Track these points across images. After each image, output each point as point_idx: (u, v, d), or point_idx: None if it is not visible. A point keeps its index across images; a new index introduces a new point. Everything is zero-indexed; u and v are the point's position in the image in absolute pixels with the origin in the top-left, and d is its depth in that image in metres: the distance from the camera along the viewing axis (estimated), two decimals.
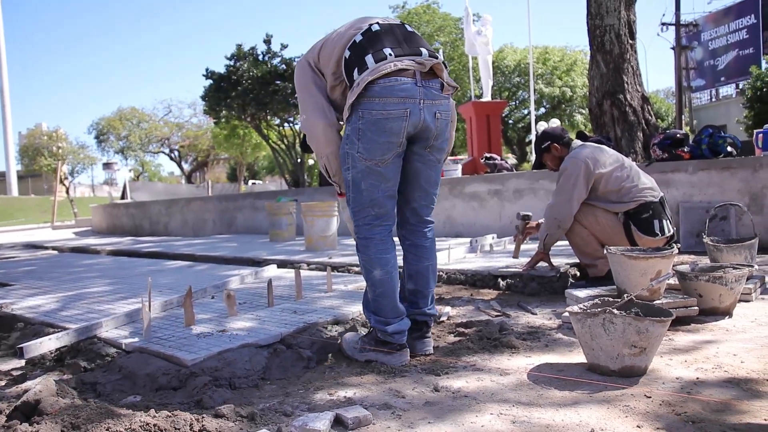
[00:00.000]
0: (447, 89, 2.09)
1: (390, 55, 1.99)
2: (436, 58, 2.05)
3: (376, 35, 2.05)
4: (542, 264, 3.58)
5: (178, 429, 1.56)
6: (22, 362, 2.48)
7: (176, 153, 43.24)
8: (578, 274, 3.74)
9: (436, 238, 2.48)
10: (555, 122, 23.05)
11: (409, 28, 2.16)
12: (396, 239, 2.24)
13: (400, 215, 2.32)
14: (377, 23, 2.11)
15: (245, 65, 14.29)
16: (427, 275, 2.30)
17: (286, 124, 16.23)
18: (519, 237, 3.97)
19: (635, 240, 3.20)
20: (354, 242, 2.25)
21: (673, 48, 25.12)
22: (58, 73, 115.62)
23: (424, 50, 2.05)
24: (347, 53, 2.07)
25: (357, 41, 2.06)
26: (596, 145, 3.37)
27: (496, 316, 2.96)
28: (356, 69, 2.02)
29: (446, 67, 2.13)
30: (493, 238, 5.59)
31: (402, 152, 2.12)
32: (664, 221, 3.22)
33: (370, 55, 2.00)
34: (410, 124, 2.02)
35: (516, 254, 4.08)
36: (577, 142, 3.42)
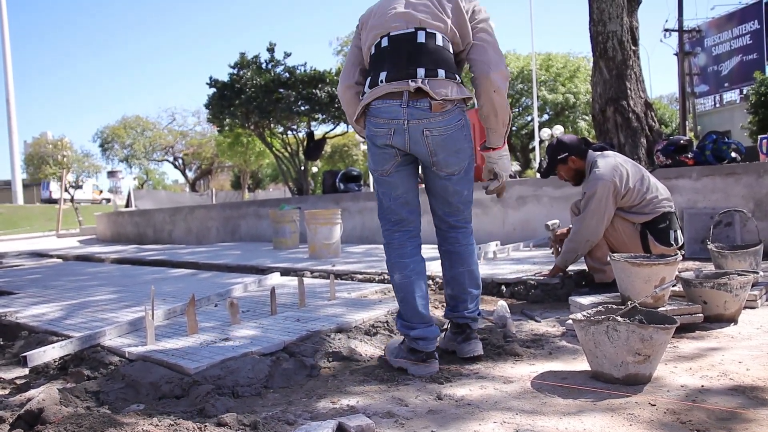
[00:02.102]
0: (436, 107, 2.09)
1: (381, 81, 2.14)
2: (435, 75, 2.10)
3: (381, 55, 2.19)
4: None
5: None
6: (26, 370, 2.49)
7: (180, 161, 43.41)
8: (583, 282, 3.72)
9: None
10: (559, 129, 23.07)
11: (421, 39, 2.14)
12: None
13: (435, 224, 2.41)
14: (388, 37, 2.18)
15: (249, 73, 14.32)
16: (462, 280, 2.33)
17: (289, 132, 16.25)
18: (556, 247, 3.78)
19: (651, 249, 3.19)
20: (355, 251, 2.30)
21: (676, 54, 25.12)
22: (63, 82, 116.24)
23: (421, 70, 2.10)
24: (372, 50, 2.23)
25: (372, 53, 2.23)
26: (615, 154, 3.33)
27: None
28: (367, 83, 2.23)
29: (456, 79, 2.14)
30: (496, 245, 5.58)
31: (405, 162, 2.23)
32: (678, 231, 3.22)
33: (370, 78, 2.20)
34: (395, 142, 2.16)
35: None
36: (593, 154, 3.36)
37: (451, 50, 2.18)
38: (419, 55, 2.12)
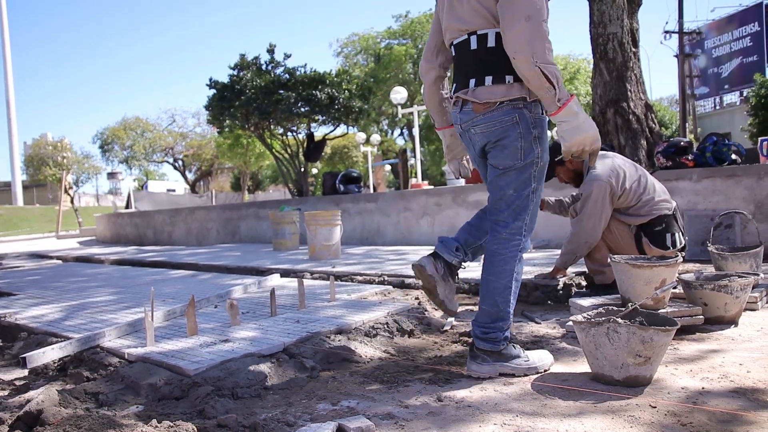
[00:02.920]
0: (477, 108, 2.13)
1: (451, 97, 2.29)
2: (483, 83, 2.11)
3: (456, 62, 2.24)
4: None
5: None
6: (25, 372, 2.48)
7: (180, 162, 43.42)
8: (583, 283, 3.72)
9: None
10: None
11: (473, 45, 2.12)
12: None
13: None
14: (453, 46, 2.22)
15: (249, 75, 14.33)
16: (480, 287, 2.21)
17: (289, 134, 16.26)
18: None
19: (645, 251, 3.18)
20: (355, 252, 2.26)
21: (676, 56, 25.16)
22: (63, 83, 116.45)
23: (473, 81, 2.14)
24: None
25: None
26: (614, 154, 3.32)
27: None
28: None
29: (505, 81, 2.07)
30: None
31: (482, 159, 2.28)
32: (677, 234, 3.19)
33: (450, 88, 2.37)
34: (464, 142, 2.32)
35: None
36: None
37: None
38: (472, 65, 2.14)
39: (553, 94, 1.94)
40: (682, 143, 5.85)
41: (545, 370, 2.16)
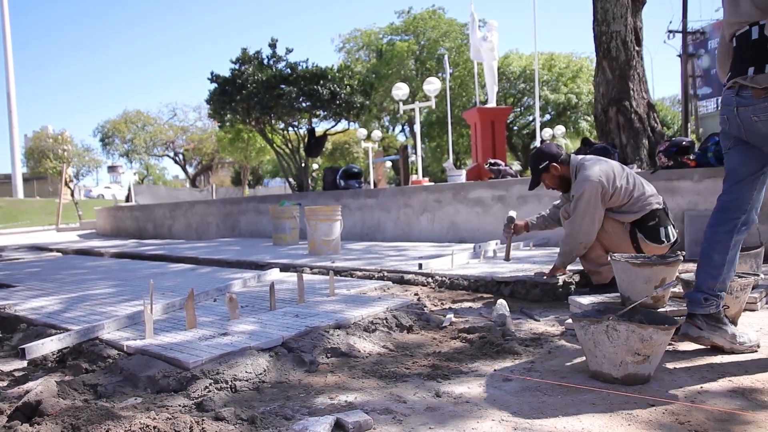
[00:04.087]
0: (758, 93, 2.20)
1: (725, 83, 2.34)
2: (762, 71, 2.16)
3: (736, 52, 2.31)
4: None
5: (178, 431, 1.55)
6: (24, 363, 2.49)
7: (181, 156, 43.39)
8: (580, 280, 3.72)
9: (440, 244, 2.45)
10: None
11: (754, 35, 2.20)
12: None
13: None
14: (735, 37, 2.28)
15: (250, 69, 14.28)
16: None
17: (290, 129, 16.22)
18: (508, 237, 3.84)
19: (641, 247, 3.19)
20: (355, 248, 2.24)
21: (679, 56, 25.09)
22: (65, 76, 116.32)
23: (751, 69, 2.21)
24: (734, 44, 2.35)
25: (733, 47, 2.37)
26: (598, 158, 3.33)
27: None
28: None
29: None
30: (496, 243, 5.57)
31: (739, 145, 2.31)
32: (669, 228, 3.21)
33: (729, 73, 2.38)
34: (729, 127, 2.32)
35: (507, 256, 3.99)
36: (576, 158, 3.35)
37: None
38: (750, 53, 2.23)
39: None
40: (684, 143, 5.83)
41: None
